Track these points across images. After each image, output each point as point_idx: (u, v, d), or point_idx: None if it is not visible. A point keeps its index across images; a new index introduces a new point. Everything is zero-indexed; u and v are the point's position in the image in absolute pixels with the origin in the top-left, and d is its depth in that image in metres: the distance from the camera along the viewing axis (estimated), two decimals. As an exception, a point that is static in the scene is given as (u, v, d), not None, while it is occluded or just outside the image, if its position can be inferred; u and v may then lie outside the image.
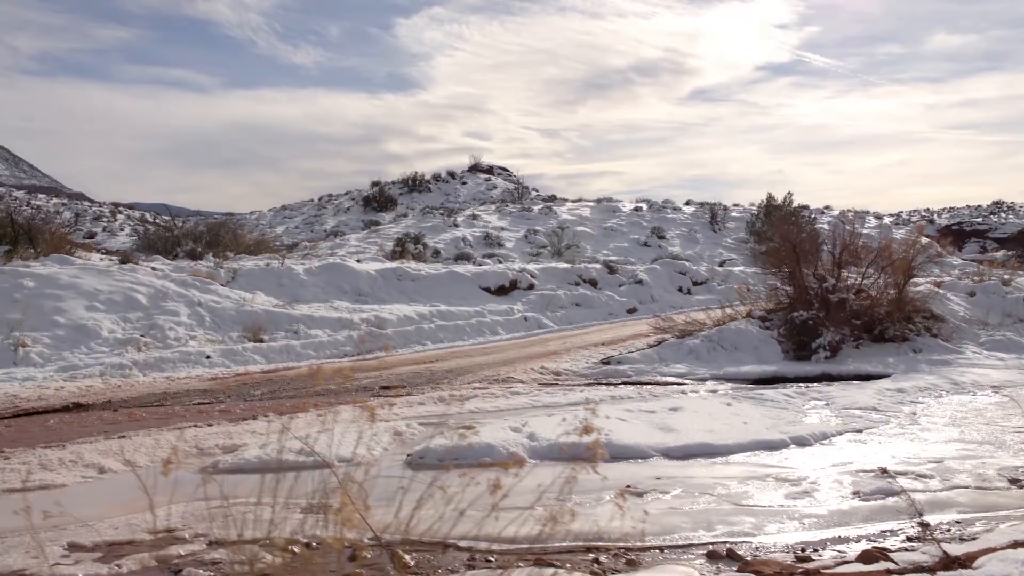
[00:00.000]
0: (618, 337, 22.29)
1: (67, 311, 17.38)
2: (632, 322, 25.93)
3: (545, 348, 20.48)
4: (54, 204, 72.29)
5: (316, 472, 8.19)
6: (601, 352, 19.63)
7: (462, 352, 20.09)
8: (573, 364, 18.03)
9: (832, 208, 60.69)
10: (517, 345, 21.36)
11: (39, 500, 7.01)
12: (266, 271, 23.09)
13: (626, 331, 23.56)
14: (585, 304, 27.11)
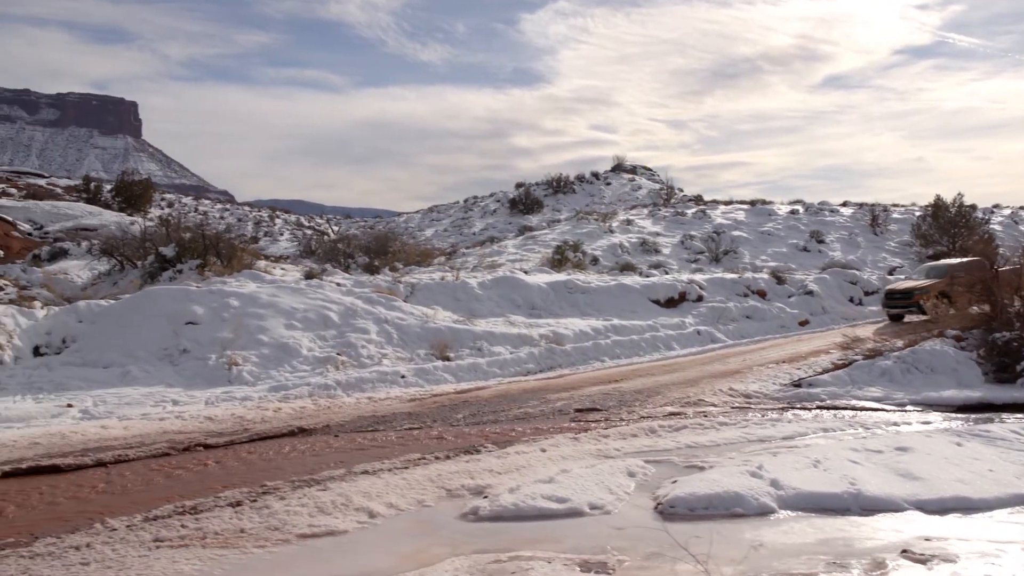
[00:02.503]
0: (797, 354, 21.69)
1: (269, 329, 18.19)
2: (807, 336, 25.19)
3: (725, 366, 20.13)
4: (218, 210, 75.91)
5: (571, 521, 8.33)
6: (784, 371, 19.14)
7: (643, 370, 19.97)
8: (761, 385, 17.64)
9: (1001, 207, 57.36)
10: (696, 362, 21.07)
11: (334, 549, 7.32)
12: (442, 285, 23.56)
13: (803, 347, 22.90)
14: (756, 316, 26.53)
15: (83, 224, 40.89)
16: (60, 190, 58.81)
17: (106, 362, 16.81)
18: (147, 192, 53.11)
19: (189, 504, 8.54)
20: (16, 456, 10.79)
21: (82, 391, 15.26)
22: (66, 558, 6.87)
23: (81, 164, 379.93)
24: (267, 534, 7.56)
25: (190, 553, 7.05)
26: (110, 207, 48.62)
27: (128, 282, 26.08)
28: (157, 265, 26.33)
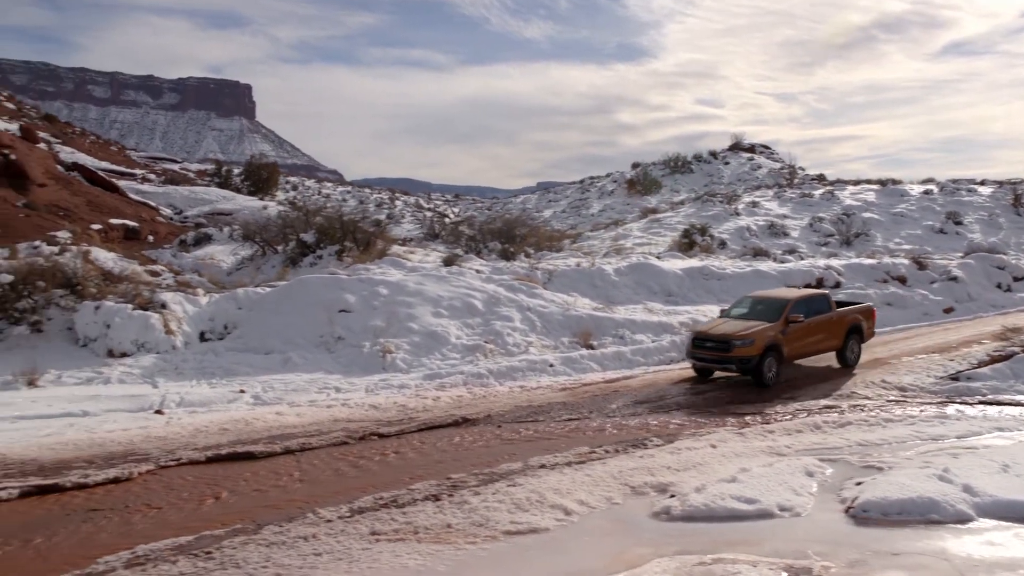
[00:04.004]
0: (947, 343, 21.00)
1: (418, 317, 18.66)
2: (953, 325, 24.31)
3: (872, 355, 19.66)
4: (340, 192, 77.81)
5: (764, 523, 8.36)
6: (936, 362, 18.58)
7: (786, 359, 19.67)
8: (915, 377, 17.20)
9: None
10: (840, 352, 20.63)
11: (541, 547, 7.55)
12: (578, 272, 23.68)
13: (952, 336, 22.13)
14: (897, 304, 25.74)
15: (219, 208, 42.52)
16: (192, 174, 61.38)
17: (267, 348, 17.56)
18: (273, 176, 54.85)
19: (387, 496, 8.92)
20: (212, 442, 11.43)
21: (249, 377, 15.99)
22: (298, 548, 7.29)
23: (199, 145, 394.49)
24: (474, 530, 7.85)
25: (408, 547, 7.39)
26: (240, 191, 50.37)
27: (271, 267, 27.06)
28: (297, 251, 27.24)
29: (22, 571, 6.96)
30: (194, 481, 9.72)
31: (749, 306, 18.07)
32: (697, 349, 17.07)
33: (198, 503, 8.93)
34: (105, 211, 34.05)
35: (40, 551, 7.44)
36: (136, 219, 34.64)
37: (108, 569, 6.94)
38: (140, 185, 46.29)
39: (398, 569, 6.93)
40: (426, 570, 6.92)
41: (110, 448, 10.99)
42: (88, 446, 11.05)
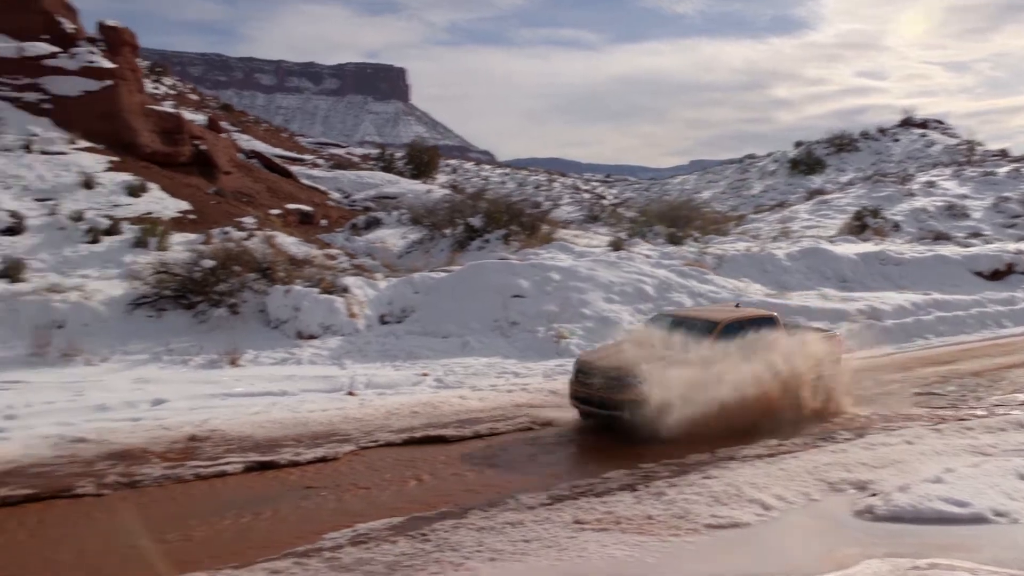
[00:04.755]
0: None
1: (590, 303, 18.81)
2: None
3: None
4: (499, 175, 78.94)
5: (978, 528, 8.05)
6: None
7: (975, 350, 18.73)
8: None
9: None
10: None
11: (744, 542, 7.56)
12: (748, 257, 23.25)
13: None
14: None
15: (384, 192, 43.88)
16: (357, 158, 63.59)
17: (444, 332, 18.11)
18: (434, 159, 56.11)
19: (583, 484, 9.10)
20: (405, 424, 11.94)
21: (430, 360, 16.56)
22: (507, 534, 7.57)
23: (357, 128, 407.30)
24: (675, 522, 7.92)
25: (612, 537, 7.54)
26: (403, 175, 51.82)
27: (439, 251, 27.81)
28: (465, 235, 27.86)
29: (262, 542, 7.52)
30: (394, 463, 10.20)
31: (663, 327, 13.14)
32: (580, 386, 12.11)
33: (401, 484, 9.37)
34: (282, 196, 35.81)
35: (271, 524, 8.02)
36: (309, 204, 36.22)
37: (336, 545, 7.40)
38: (310, 170, 48.35)
39: (606, 559, 7.09)
40: (635, 561, 7.05)
41: (313, 428, 11.65)
42: (293, 425, 11.75)
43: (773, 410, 11.74)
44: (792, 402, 12.09)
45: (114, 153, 28.27)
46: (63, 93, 28.61)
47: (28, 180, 24.80)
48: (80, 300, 18.37)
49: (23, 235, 21.99)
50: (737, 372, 11.56)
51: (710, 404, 11.02)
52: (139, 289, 18.95)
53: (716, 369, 11.46)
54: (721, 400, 11.12)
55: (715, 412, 10.99)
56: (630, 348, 12.64)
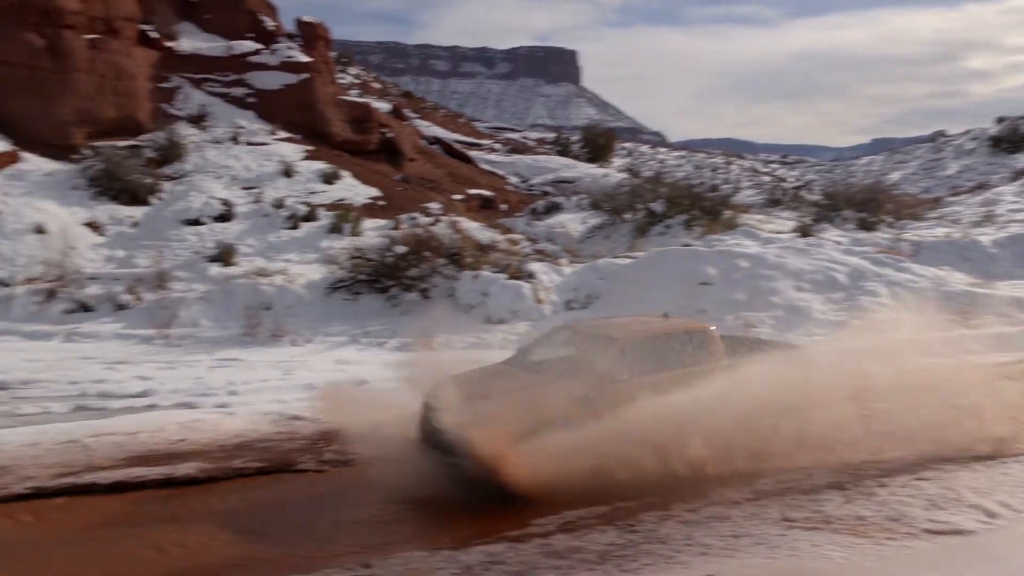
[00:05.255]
0: None
1: (780, 291, 18.31)
2: None
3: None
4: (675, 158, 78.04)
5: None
6: None
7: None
8: None
9: None
10: None
11: (968, 550, 7.23)
12: (948, 244, 21.97)
13: None
14: None
15: (562, 176, 44.23)
16: (532, 143, 64.28)
17: (630, 319, 18.11)
18: (610, 143, 55.97)
19: (787, 480, 8.90)
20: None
21: (616, 347, 16.60)
22: (715, 528, 7.54)
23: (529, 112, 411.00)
24: (890, 525, 7.64)
25: (824, 537, 7.36)
26: (578, 159, 51.97)
27: (619, 236, 27.79)
28: (645, 220, 27.71)
29: (495, 524, 7.80)
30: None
31: (554, 345, 10.44)
32: (426, 423, 9.04)
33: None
34: (463, 182, 36.75)
35: (482, 509, 8.29)
36: (489, 189, 37.01)
37: (545, 532, 7.60)
38: (488, 155, 49.37)
39: (820, 559, 6.94)
40: (851, 564, 6.86)
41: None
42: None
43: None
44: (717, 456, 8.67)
45: (309, 142, 29.85)
46: (265, 87, 30.44)
47: (236, 170, 26.57)
48: (284, 284, 19.59)
49: (232, 222, 23.61)
50: (627, 409, 8.54)
51: (580, 455, 8.19)
52: (336, 273, 19.99)
53: (592, 405, 8.67)
54: (601, 450, 8.24)
55: (592, 466, 8.17)
56: (485, 376, 9.71)
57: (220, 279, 19.94)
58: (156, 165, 25.98)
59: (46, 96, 25.40)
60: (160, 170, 25.83)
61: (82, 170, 24.44)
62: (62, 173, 24.43)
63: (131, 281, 19.85)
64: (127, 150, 25.67)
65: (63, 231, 21.60)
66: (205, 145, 27.61)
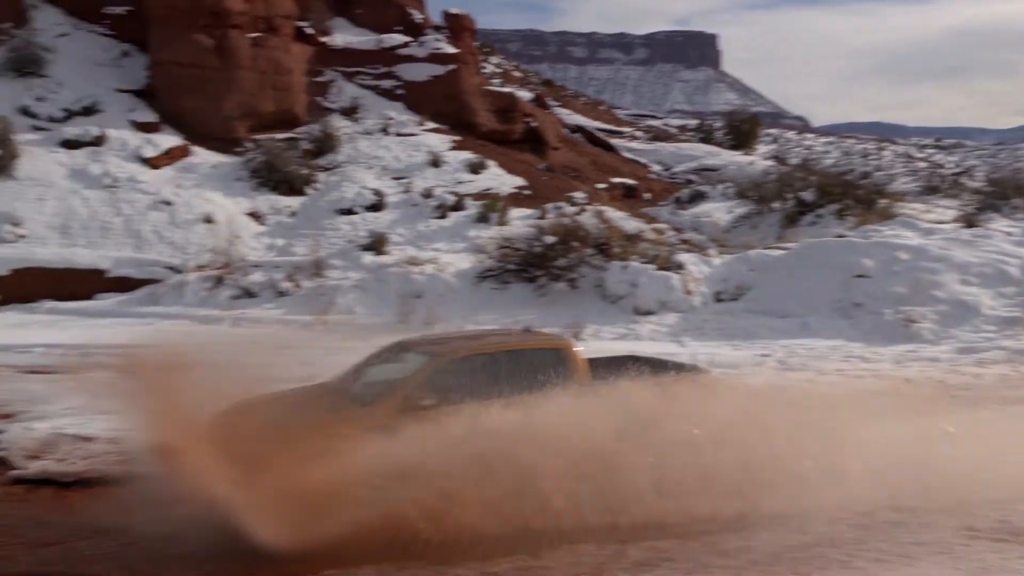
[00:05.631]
0: None
1: (943, 285, 17.48)
2: None
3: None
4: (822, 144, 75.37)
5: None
6: None
7: None
8: None
9: None
10: None
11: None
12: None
13: None
14: None
15: (705, 164, 43.37)
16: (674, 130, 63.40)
17: (782, 312, 17.69)
18: (754, 129, 54.51)
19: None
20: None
21: (769, 340, 16.27)
22: (892, 534, 7.29)
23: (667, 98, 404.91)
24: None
25: (1015, 551, 7.01)
26: (721, 145, 50.86)
27: (767, 226, 27.09)
28: (795, 209, 26.90)
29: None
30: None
31: (383, 370, 8.78)
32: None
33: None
34: (605, 170, 36.59)
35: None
36: (632, 177, 36.72)
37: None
38: (629, 143, 48.94)
39: (1010, 573, 6.64)
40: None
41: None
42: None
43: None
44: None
45: (456, 133, 30.38)
46: (413, 79, 31.18)
47: (386, 160, 27.35)
48: (435, 272, 20.04)
49: (384, 211, 24.32)
50: (421, 444, 7.14)
51: (355, 502, 6.77)
52: (484, 263, 20.31)
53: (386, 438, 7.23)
54: (381, 497, 6.81)
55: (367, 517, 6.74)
56: (279, 401, 8.50)
57: (373, 267, 20.58)
58: (311, 156, 27.02)
59: (213, 93, 26.82)
60: (315, 161, 26.85)
61: (245, 162, 25.70)
62: (227, 165, 25.75)
63: (290, 269, 20.75)
64: (285, 142, 26.80)
65: (229, 221, 22.79)
66: (357, 136, 28.53)
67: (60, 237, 21.55)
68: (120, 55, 28.74)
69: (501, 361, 8.25)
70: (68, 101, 26.15)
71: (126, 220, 22.42)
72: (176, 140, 26.09)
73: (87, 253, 21.25)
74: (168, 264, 21.32)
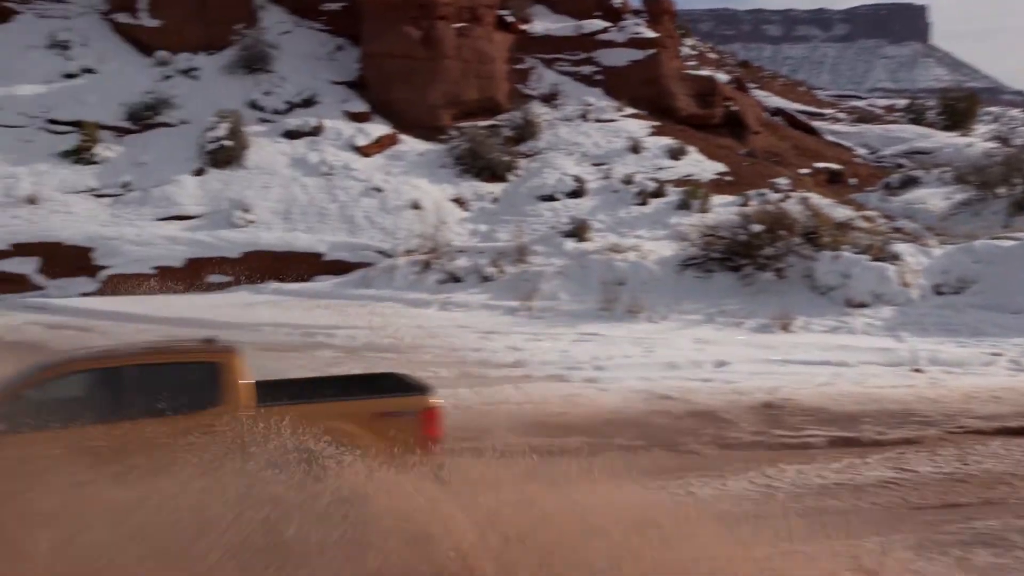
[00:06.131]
0: None
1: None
2: None
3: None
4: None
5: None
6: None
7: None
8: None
9: None
10: None
11: None
12: None
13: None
14: None
15: (916, 147, 40.88)
16: (879, 110, 60.09)
17: (1015, 307, 16.52)
18: (972, 108, 50.77)
19: None
20: (991, 411, 11.13)
21: (999, 338, 15.25)
22: None
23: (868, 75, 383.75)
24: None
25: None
26: (934, 126, 47.73)
27: (990, 213, 25.28)
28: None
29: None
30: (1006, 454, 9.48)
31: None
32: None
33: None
34: (808, 155, 35.17)
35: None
36: (837, 162, 35.14)
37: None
38: (831, 125, 46.81)
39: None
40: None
41: (886, 405, 11.37)
42: (864, 400, 11.59)
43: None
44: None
45: (655, 118, 30.09)
46: (612, 64, 31.10)
47: (586, 147, 27.47)
48: (637, 260, 20.00)
49: (584, 198, 24.47)
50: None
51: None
52: (687, 250, 20.07)
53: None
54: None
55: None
56: None
57: (575, 254, 20.78)
58: (513, 143, 27.50)
59: (420, 83, 27.79)
60: (516, 148, 27.33)
61: (449, 149, 26.50)
62: (432, 153, 26.65)
63: (494, 255, 21.28)
64: (487, 129, 27.41)
65: (436, 207, 23.60)
66: (557, 123, 28.78)
67: (283, 222, 23.00)
68: (335, 49, 30.25)
69: (124, 378, 6.87)
70: (290, 94, 27.88)
71: (341, 206, 23.65)
72: (385, 129, 27.24)
73: (306, 237, 22.59)
74: (379, 248, 22.35)
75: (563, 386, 12.37)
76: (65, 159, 24.59)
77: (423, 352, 14.90)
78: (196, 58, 29.08)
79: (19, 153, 24.46)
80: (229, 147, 24.54)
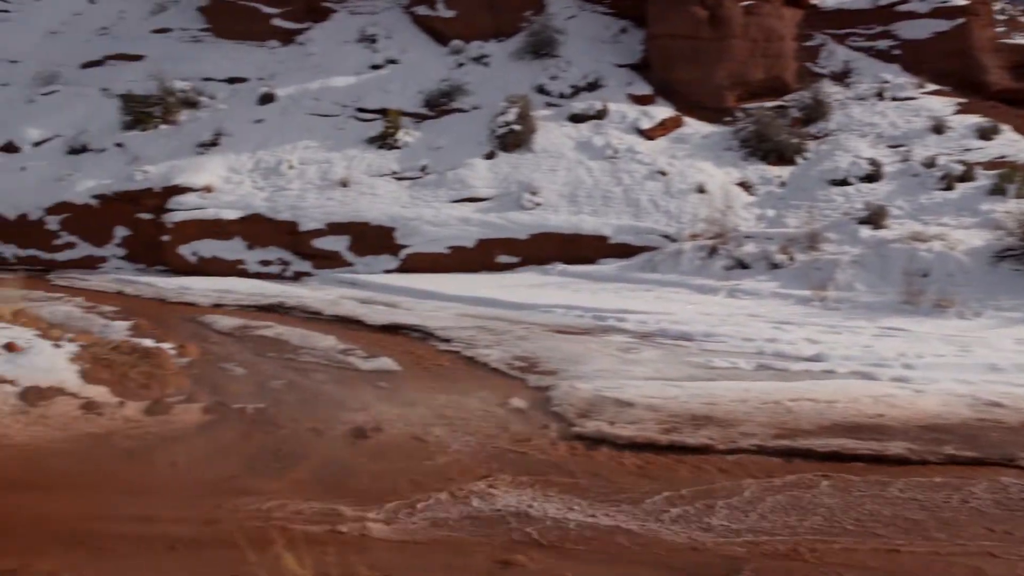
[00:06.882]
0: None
1: None
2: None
3: None
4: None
5: None
6: None
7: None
8: None
9: None
10: None
11: None
12: None
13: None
14: None
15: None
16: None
17: None
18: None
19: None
20: None
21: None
22: None
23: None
24: None
25: None
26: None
27: None
28: None
29: None
30: None
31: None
32: None
33: None
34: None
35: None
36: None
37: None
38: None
39: None
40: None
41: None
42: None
43: None
44: None
45: (960, 94, 27.70)
46: (912, 37, 28.95)
47: (881, 127, 25.84)
48: (943, 249, 18.65)
49: (880, 182, 23.07)
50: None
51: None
52: (1002, 240, 18.46)
53: None
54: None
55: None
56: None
57: (872, 242, 19.71)
58: (801, 124, 26.40)
59: (705, 63, 27.32)
60: (805, 129, 26.22)
61: (734, 132, 25.90)
62: (716, 135, 26.17)
63: (783, 241, 20.64)
64: (774, 111, 26.49)
65: (721, 190, 23.21)
66: (849, 102, 27.25)
67: (568, 205, 23.54)
68: (619, 32, 30.42)
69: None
70: (575, 78, 28.38)
71: (625, 189, 23.84)
72: (669, 111, 27.08)
73: (592, 220, 23.00)
74: (663, 232, 22.33)
75: (871, 384, 11.79)
76: (371, 144, 26.57)
77: (716, 341, 14.79)
78: (487, 45, 30.36)
79: (334, 140, 26.80)
80: (518, 131, 25.45)
